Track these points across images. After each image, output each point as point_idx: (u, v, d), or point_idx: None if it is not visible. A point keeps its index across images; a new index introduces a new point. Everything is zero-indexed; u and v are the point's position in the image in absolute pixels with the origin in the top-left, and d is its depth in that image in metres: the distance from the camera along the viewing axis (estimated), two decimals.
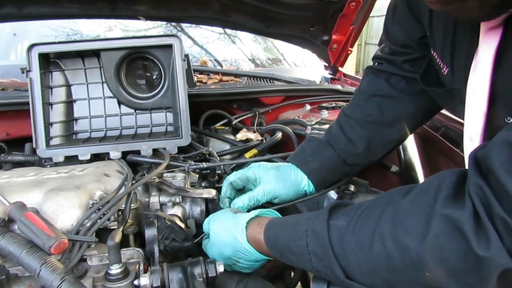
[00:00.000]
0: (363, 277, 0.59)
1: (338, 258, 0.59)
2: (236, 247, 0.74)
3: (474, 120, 0.65)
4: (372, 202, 0.62)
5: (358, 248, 0.58)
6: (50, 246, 0.65)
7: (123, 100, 1.09)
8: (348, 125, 0.94)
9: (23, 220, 0.69)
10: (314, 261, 0.62)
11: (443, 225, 0.49)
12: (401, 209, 0.55)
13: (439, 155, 1.23)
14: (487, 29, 0.60)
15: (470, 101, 0.66)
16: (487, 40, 0.61)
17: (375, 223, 0.57)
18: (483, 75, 0.62)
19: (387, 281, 0.57)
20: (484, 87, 0.62)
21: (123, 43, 1.03)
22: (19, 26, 1.90)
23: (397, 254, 0.53)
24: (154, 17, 1.54)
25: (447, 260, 0.49)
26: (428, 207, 0.52)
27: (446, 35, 0.71)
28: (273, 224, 0.72)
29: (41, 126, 0.99)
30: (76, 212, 0.76)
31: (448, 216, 0.49)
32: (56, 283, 0.60)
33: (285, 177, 0.90)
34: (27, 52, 0.97)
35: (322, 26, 1.60)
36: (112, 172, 0.93)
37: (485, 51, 0.61)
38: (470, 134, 0.67)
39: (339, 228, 0.61)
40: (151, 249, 0.79)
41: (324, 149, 0.93)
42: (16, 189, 0.80)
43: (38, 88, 0.98)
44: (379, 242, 0.55)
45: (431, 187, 0.54)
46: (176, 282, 0.68)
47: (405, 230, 0.53)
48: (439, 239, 0.49)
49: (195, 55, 2.11)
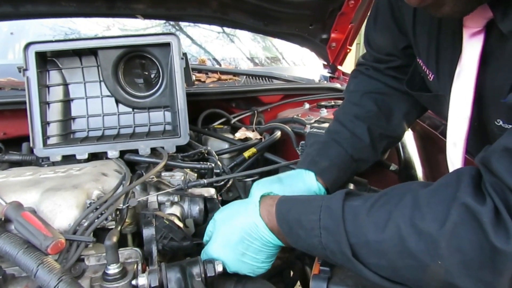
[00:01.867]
0: (369, 257, 0.58)
1: (348, 234, 0.59)
2: (247, 225, 0.70)
3: (458, 125, 0.66)
4: (390, 189, 0.61)
5: (371, 227, 0.57)
6: (47, 246, 0.64)
7: (121, 99, 1.09)
8: (348, 121, 0.92)
9: (20, 220, 0.68)
10: (324, 236, 0.61)
11: (463, 215, 0.49)
12: (421, 197, 0.55)
13: (438, 153, 1.23)
14: (469, 35, 0.61)
15: (454, 107, 0.66)
16: (470, 46, 0.61)
17: (393, 206, 0.57)
18: (467, 81, 0.63)
19: (393, 264, 0.56)
20: (469, 93, 0.63)
21: (120, 42, 1.02)
22: (16, 25, 1.89)
23: (412, 237, 0.53)
24: (152, 16, 1.53)
25: (462, 250, 0.49)
26: (449, 196, 0.52)
27: (430, 42, 0.72)
28: (286, 198, 0.71)
29: (38, 125, 0.98)
30: (73, 211, 0.76)
31: (468, 205, 0.49)
32: (53, 283, 0.59)
33: (294, 188, 0.83)
34: (24, 50, 0.96)
35: (321, 24, 1.60)
36: (110, 171, 0.92)
37: (469, 57, 0.62)
38: (454, 139, 0.68)
39: (354, 207, 0.61)
40: (149, 248, 0.79)
41: (330, 146, 0.90)
42: (13, 189, 0.80)
43: (35, 87, 0.98)
44: (394, 223, 0.55)
45: (451, 179, 0.54)
46: (174, 282, 0.68)
47: (423, 216, 0.53)
48: (457, 228, 0.49)
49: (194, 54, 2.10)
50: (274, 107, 1.50)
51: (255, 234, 0.70)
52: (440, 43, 0.70)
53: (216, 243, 0.74)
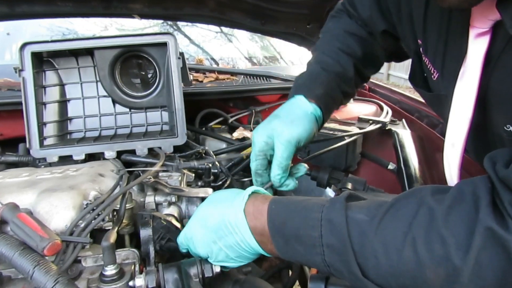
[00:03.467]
0: (377, 278, 0.54)
1: (356, 255, 0.54)
2: (227, 215, 0.65)
3: (458, 126, 0.65)
4: (397, 200, 0.56)
5: (382, 249, 0.53)
6: (43, 247, 0.64)
7: (117, 99, 1.08)
8: (334, 53, 0.90)
9: (16, 221, 0.68)
10: (327, 255, 0.57)
11: (488, 240, 0.46)
12: (437, 216, 0.50)
13: (436, 152, 1.23)
14: (475, 35, 0.60)
15: (456, 107, 0.65)
16: (476, 46, 0.60)
17: (406, 225, 0.52)
18: (470, 82, 0.61)
19: (404, 287, 0.53)
20: (471, 94, 0.61)
21: (117, 42, 1.01)
22: (13, 26, 1.88)
23: (431, 263, 0.49)
24: (148, 16, 1.53)
25: (483, 277, 0.46)
26: (468, 216, 0.48)
27: (438, 40, 0.70)
28: (277, 204, 0.64)
29: (35, 126, 0.98)
30: (70, 212, 0.75)
31: (493, 230, 0.46)
32: (49, 285, 0.59)
33: (293, 116, 0.80)
34: (20, 51, 0.96)
35: (319, 23, 1.60)
36: (107, 172, 0.92)
37: (473, 58, 0.61)
38: (453, 140, 0.66)
39: (359, 222, 0.55)
40: (147, 249, 0.78)
41: (320, 75, 0.87)
42: (9, 190, 0.79)
43: (31, 87, 0.97)
44: (411, 247, 0.50)
45: (466, 194, 0.51)
46: (172, 282, 0.68)
47: (442, 238, 0.49)
48: (480, 255, 0.46)
49: (192, 54, 2.10)
50: (272, 106, 1.50)
51: (231, 228, 0.64)
52: (448, 42, 0.68)
53: (193, 220, 0.71)
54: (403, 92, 1.65)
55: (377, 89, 1.74)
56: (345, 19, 0.97)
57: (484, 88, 0.61)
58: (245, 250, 0.66)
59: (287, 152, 0.76)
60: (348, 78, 0.90)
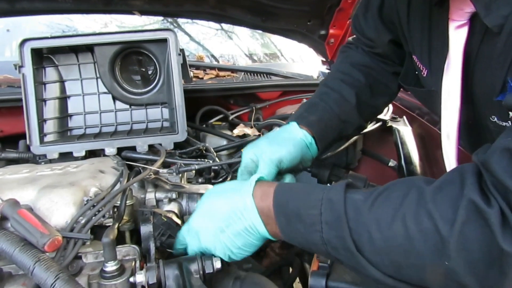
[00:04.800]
0: (371, 255, 0.57)
1: (352, 231, 0.57)
2: (235, 202, 0.67)
3: (450, 118, 0.66)
4: (392, 184, 0.60)
5: (375, 225, 0.56)
6: (43, 243, 0.64)
7: (118, 96, 1.08)
8: (336, 85, 0.94)
9: (16, 217, 0.68)
10: (325, 231, 0.59)
11: (471, 213, 0.49)
12: (426, 194, 0.54)
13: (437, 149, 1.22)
14: (454, 27, 0.61)
15: (445, 100, 0.67)
16: (455, 38, 0.62)
17: (398, 203, 0.55)
18: (454, 74, 0.63)
19: (397, 263, 0.55)
20: (456, 85, 0.63)
21: (117, 38, 1.01)
22: (13, 22, 1.88)
23: (420, 236, 0.52)
24: (149, 12, 1.52)
25: (469, 249, 0.49)
26: (456, 193, 0.51)
27: (422, 37, 0.72)
28: (283, 188, 0.67)
29: (35, 123, 0.97)
30: (70, 209, 0.75)
31: (476, 203, 0.48)
32: (50, 281, 0.59)
33: (279, 139, 0.84)
34: (20, 47, 0.95)
35: (319, 20, 1.59)
36: (107, 168, 0.92)
37: (454, 50, 0.62)
38: (447, 131, 0.68)
39: (356, 201, 0.59)
40: (147, 246, 0.78)
41: (317, 104, 0.91)
42: (10, 186, 0.79)
43: (31, 84, 0.97)
44: (400, 222, 0.54)
45: (454, 176, 0.54)
46: (173, 279, 0.67)
47: (430, 214, 0.52)
48: (465, 227, 0.49)
49: (192, 51, 2.09)
50: (272, 103, 1.50)
51: (240, 214, 0.67)
52: (432, 38, 0.70)
53: (198, 213, 0.73)
54: None
55: None
56: (351, 52, 1.01)
57: (469, 80, 0.62)
58: (252, 235, 0.68)
59: (268, 169, 0.81)
60: (350, 107, 0.92)
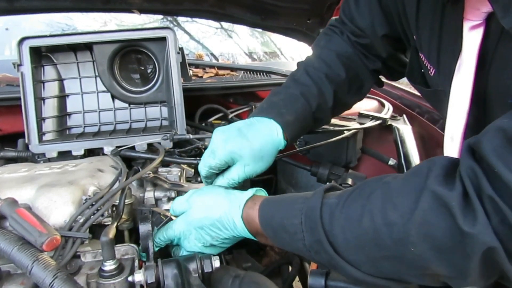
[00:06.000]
0: (348, 254, 0.59)
1: (327, 234, 0.60)
2: (225, 220, 0.72)
3: (456, 120, 0.66)
4: (364, 182, 0.62)
5: (346, 223, 0.58)
6: (42, 242, 0.63)
7: (117, 94, 1.08)
8: (318, 78, 0.90)
9: (15, 216, 0.67)
10: (307, 238, 0.62)
11: (432, 202, 0.50)
12: (392, 187, 0.56)
13: (437, 148, 1.22)
14: (469, 28, 0.60)
15: (454, 101, 0.66)
16: (470, 39, 0.61)
17: (365, 199, 0.58)
18: (466, 75, 0.62)
19: (372, 258, 0.57)
20: (467, 87, 0.62)
21: (116, 36, 1.01)
22: (12, 21, 1.87)
23: (385, 229, 0.54)
24: (148, 10, 1.52)
25: (432, 236, 0.50)
26: (419, 185, 0.53)
27: (432, 36, 0.71)
28: (269, 202, 0.71)
29: (33, 121, 0.97)
30: (69, 208, 0.75)
31: (437, 193, 0.50)
32: (48, 280, 0.59)
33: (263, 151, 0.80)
34: (18, 45, 0.95)
35: (319, 18, 1.59)
36: (106, 167, 0.92)
37: (468, 51, 0.61)
38: (452, 133, 0.68)
39: (330, 205, 0.61)
40: (146, 245, 0.78)
41: (297, 100, 0.87)
42: (8, 185, 0.79)
43: (30, 82, 0.96)
44: (368, 217, 0.56)
45: (422, 169, 0.55)
46: (171, 278, 0.67)
47: (394, 206, 0.54)
48: (426, 215, 0.50)
49: (191, 50, 2.09)
50: None
51: (228, 229, 0.72)
52: (442, 37, 0.69)
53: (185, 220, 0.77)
54: (404, 87, 1.64)
55: None
56: (337, 38, 0.97)
57: (483, 82, 0.61)
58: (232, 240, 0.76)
59: (243, 179, 0.81)
60: (326, 107, 0.91)
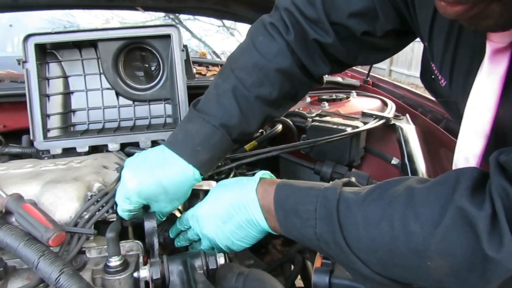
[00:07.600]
0: (359, 251, 0.58)
1: (342, 227, 0.59)
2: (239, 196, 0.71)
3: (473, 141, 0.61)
4: (385, 182, 0.60)
5: (362, 222, 0.57)
6: (48, 238, 0.64)
7: (121, 92, 1.08)
8: (246, 101, 0.78)
9: (21, 212, 0.68)
10: (319, 226, 0.61)
11: (457, 218, 0.48)
12: (416, 195, 0.54)
13: (440, 147, 1.22)
14: (494, 50, 0.55)
15: (469, 122, 0.61)
16: (494, 63, 0.56)
17: (386, 203, 0.56)
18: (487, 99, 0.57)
19: (383, 262, 0.56)
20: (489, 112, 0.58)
21: (120, 33, 1.01)
22: (16, 17, 1.88)
23: (403, 237, 0.52)
24: (151, 8, 1.52)
25: (452, 254, 0.48)
26: (445, 196, 0.51)
27: (446, 49, 0.66)
28: (286, 184, 0.70)
29: (38, 118, 0.97)
30: (74, 204, 0.75)
31: (464, 209, 0.48)
32: (54, 275, 0.59)
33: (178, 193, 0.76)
34: (23, 42, 0.95)
35: None
36: (110, 164, 0.92)
37: (491, 75, 0.57)
38: (466, 154, 0.63)
39: (348, 198, 0.60)
40: (151, 241, 0.78)
41: (215, 133, 0.76)
42: (13, 181, 0.79)
43: (35, 79, 0.97)
44: (387, 222, 0.54)
45: (449, 179, 0.53)
46: (176, 274, 0.68)
47: (416, 215, 0.52)
48: (449, 231, 0.48)
49: (194, 47, 2.09)
50: None
51: (243, 207, 0.70)
52: (458, 52, 0.64)
53: (204, 202, 0.76)
54: (406, 87, 1.64)
55: (380, 84, 1.73)
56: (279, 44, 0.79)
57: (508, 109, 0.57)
58: (253, 228, 0.71)
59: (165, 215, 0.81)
60: (249, 132, 0.81)
